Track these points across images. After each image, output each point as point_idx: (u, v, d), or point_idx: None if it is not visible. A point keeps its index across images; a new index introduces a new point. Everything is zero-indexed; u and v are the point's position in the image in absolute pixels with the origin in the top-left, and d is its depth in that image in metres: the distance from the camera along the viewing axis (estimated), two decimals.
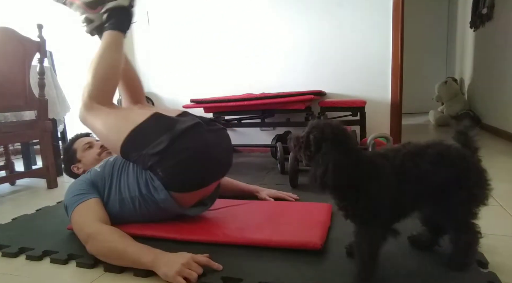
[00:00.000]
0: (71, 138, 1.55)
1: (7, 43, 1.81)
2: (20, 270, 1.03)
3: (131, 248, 0.96)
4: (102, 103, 1.23)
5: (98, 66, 1.25)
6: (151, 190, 1.13)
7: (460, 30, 4.57)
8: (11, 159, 2.25)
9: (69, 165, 1.46)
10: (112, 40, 1.30)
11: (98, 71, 1.24)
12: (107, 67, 1.26)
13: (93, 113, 1.21)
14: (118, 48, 1.30)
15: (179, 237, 1.11)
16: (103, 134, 1.21)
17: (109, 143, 1.22)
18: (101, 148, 1.45)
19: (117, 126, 1.17)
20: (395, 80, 2.51)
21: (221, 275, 0.89)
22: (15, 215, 1.51)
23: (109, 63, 1.27)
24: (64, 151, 1.53)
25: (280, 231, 1.09)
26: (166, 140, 1.07)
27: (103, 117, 1.20)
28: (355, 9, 2.53)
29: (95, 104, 1.22)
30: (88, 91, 1.23)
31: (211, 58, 2.96)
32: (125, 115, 1.21)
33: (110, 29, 1.32)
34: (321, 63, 2.68)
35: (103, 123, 1.19)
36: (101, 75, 1.24)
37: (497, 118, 2.99)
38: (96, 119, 1.21)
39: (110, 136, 1.18)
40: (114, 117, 1.20)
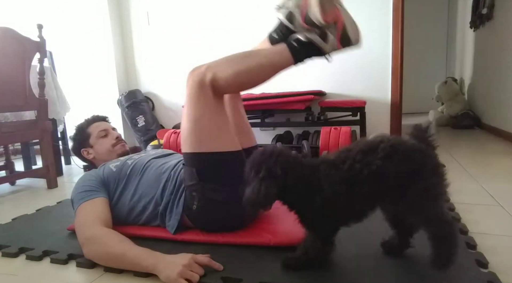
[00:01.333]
0: (87, 119, 1.46)
1: (7, 43, 1.81)
2: (20, 270, 1.02)
3: (130, 253, 0.94)
4: (216, 93, 1.07)
5: (256, 66, 1.07)
6: (167, 212, 1.13)
7: (460, 30, 4.57)
8: (11, 159, 2.25)
9: (80, 147, 1.41)
10: (282, 61, 1.07)
11: (251, 70, 1.07)
12: (258, 75, 1.08)
13: (201, 94, 1.05)
14: (277, 71, 1.09)
15: (179, 237, 1.11)
16: (190, 120, 1.06)
17: (187, 133, 1.07)
18: (117, 139, 1.41)
19: (206, 130, 1.05)
20: (395, 80, 2.51)
21: (221, 275, 0.89)
22: (15, 215, 1.51)
23: (261, 74, 1.08)
24: (77, 130, 1.44)
25: (280, 231, 1.09)
26: (225, 195, 1.04)
27: (204, 107, 1.05)
28: (355, 9, 2.52)
29: (210, 89, 1.05)
30: (217, 72, 1.05)
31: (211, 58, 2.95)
32: (219, 126, 1.07)
33: (291, 51, 1.06)
34: (321, 63, 2.67)
35: (200, 113, 1.04)
36: (248, 75, 1.07)
37: (497, 118, 2.99)
38: (199, 102, 1.05)
39: (194, 131, 1.05)
40: (210, 118, 1.05)
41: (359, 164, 0.77)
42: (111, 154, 1.38)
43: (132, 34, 3.16)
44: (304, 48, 1.05)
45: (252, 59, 1.07)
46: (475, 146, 2.58)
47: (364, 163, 0.76)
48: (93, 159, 1.41)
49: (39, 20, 2.08)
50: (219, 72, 1.05)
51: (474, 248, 0.95)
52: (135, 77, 3.23)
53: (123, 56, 3.20)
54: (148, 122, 3.01)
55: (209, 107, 1.05)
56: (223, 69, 1.06)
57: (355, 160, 0.77)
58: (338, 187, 0.77)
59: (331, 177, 0.78)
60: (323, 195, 0.78)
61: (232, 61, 1.08)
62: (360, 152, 0.78)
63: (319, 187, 0.79)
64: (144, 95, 3.14)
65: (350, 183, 0.77)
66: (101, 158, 1.39)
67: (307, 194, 0.80)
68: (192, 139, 1.05)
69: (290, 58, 1.06)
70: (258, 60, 1.07)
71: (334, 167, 0.79)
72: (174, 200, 1.13)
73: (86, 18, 3.08)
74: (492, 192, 1.47)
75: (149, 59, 3.16)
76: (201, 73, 1.06)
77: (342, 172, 0.78)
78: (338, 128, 2.09)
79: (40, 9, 3.18)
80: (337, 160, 0.80)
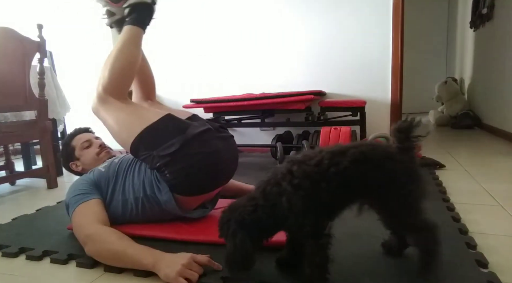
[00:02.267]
0: (70, 133, 1.51)
1: (7, 43, 1.81)
2: (20, 270, 1.02)
3: (131, 250, 0.95)
4: (116, 97, 1.21)
5: (116, 60, 1.23)
6: (155, 191, 1.13)
7: (460, 30, 4.57)
8: (11, 159, 2.25)
9: (68, 161, 1.45)
10: (131, 35, 1.29)
11: (116, 65, 1.23)
12: (125, 62, 1.25)
13: (106, 107, 1.20)
14: (137, 44, 1.30)
15: (179, 237, 1.11)
16: (114, 128, 1.19)
17: (119, 138, 1.20)
18: (100, 147, 1.44)
19: (129, 122, 1.16)
20: (395, 80, 2.51)
21: (221, 275, 0.89)
22: (15, 215, 1.51)
23: (127, 58, 1.25)
24: (63, 146, 1.50)
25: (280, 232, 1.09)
26: (177, 143, 1.08)
27: (115, 112, 1.19)
28: (355, 9, 2.53)
29: (109, 98, 1.20)
30: (103, 84, 1.21)
31: (211, 58, 2.96)
32: (138, 113, 1.20)
33: (131, 24, 1.30)
34: (321, 63, 2.68)
35: (116, 118, 1.18)
36: (118, 69, 1.23)
37: (497, 118, 2.99)
38: (108, 112, 1.20)
39: (122, 132, 1.17)
40: (127, 113, 1.19)
41: (327, 161, 0.77)
42: (98, 162, 1.39)
43: None
44: (133, 13, 1.31)
45: (113, 52, 1.25)
46: (475, 146, 2.58)
47: (332, 162, 0.77)
48: (82, 170, 1.42)
49: (39, 20, 2.08)
50: (103, 81, 1.22)
51: (474, 248, 0.95)
52: None
53: None
54: None
55: (117, 108, 1.19)
56: (104, 76, 1.22)
57: (323, 158, 0.78)
58: (298, 180, 0.77)
59: (292, 173, 0.78)
60: (286, 193, 0.77)
61: (104, 66, 1.24)
62: (330, 153, 0.79)
63: (283, 189, 0.78)
64: None
65: (315, 179, 0.76)
66: (89, 168, 1.39)
67: (278, 206, 0.78)
68: (125, 136, 1.16)
69: (134, 28, 1.29)
70: (116, 48, 1.25)
71: (297, 163, 0.79)
72: (156, 179, 1.14)
73: (86, 18, 3.08)
74: (492, 192, 1.47)
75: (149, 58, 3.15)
76: (95, 93, 1.23)
77: (308, 167, 0.78)
78: (338, 128, 2.09)
79: (40, 9, 3.18)
80: (304, 157, 0.81)
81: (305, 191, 0.76)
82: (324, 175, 0.76)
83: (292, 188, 0.77)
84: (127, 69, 1.26)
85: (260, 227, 0.80)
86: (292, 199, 0.77)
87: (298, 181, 0.77)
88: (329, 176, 0.76)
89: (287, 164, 0.82)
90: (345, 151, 0.78)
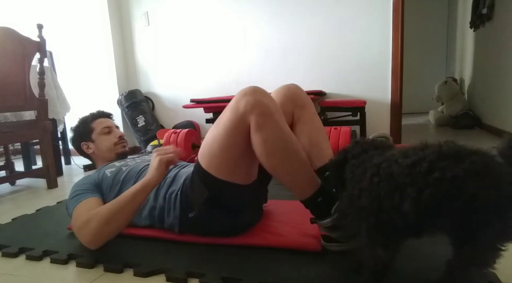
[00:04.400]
0: (92, 113, 1.44)
1: (7, 43, 1.81)
2: (20, 270, 1.02)
3: (124, 194, 1.03)
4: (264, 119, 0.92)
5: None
6: (164, 214, 1.12)
7: (460, 30, 4.57)
8: (11, 159, 2.25)
9: (80, 139, 1.38)
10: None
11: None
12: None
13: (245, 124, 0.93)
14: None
15: (179, 237, 1.11)
16: (221, 139, 0.96)
17: (210, 148, 0.99)
18: (119, 138, 1.40)
19: (231, 160, 0.98)
20: (395, 80, 2.51)
21: (221, 275, 0.89)
22: (15, 215, 1.51)
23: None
24: (80, 123, 1.42)
25: (280, 231, 1.09)
26: (225, 216, 1.05)
27: (240, 138, 0.94)
28: (355, 9, 2.53)
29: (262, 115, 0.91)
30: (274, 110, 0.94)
31: (211, 58, 2.96)
32: (245, 160, 0.99)
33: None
34: (321, 63, 2.68)
35: (234, 142, 0.95)
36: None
37: (497, 118, 2.99)
38: (240, 129, 0.93)
39: (219, 154, 0.97)
40: (240, 151, 0.96)
41: (428, 163, 0.60)
42: (111, 152, 1.38)
43: (132, 34, 3.16)
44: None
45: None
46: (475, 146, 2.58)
47: (438, 165, 0.59)
48: (91, 153, 1.38)
49: (39, 20, 2.08)
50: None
51: None
52: (135, 77, 3.23)
53: (123, 56, 3.20)
54: (148, 122, 3.00)
55: (244, 141, 0.94)
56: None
57: (424, 158, 0.61)
58: (378, 179, 0.64)
59: (378, 167, 0.65)
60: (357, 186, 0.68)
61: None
62: (438, 153, 0.61)
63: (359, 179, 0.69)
64: (144, 95, 3.14)
65: (402, 182, 0.61)
66: (100, 154, 1.38)
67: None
68: (213, 162, 0.99)
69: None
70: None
71: (388, 160, 0.66)
72: (169, 204, 1.12)
73: (86, 18, 3.08)
74: None
75: (149, 59, 3.16)
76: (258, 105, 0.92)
77: (398, 166, 0.63)
78: (338, 128, 2.09)
79: (40, 9, 3.18)
80: (398, 154, 0.67)
81: (382, 193, 0.63)
82: (417, 179, 0.60)
83: (369, 184, 0.65)
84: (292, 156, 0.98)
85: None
86: (362, 196, 0.65)
87: (378, 179, 0.64)
88: (424, 182, 0.59)
89: (380, 158, 0.68)
90: (463, 155, 0.60)
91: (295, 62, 2.73)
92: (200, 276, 0.90)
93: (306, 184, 0.95)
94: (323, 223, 0.94)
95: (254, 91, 0.94)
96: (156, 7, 3.02)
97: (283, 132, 0.92)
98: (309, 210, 0.97)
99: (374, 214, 0.66)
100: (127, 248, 1.08)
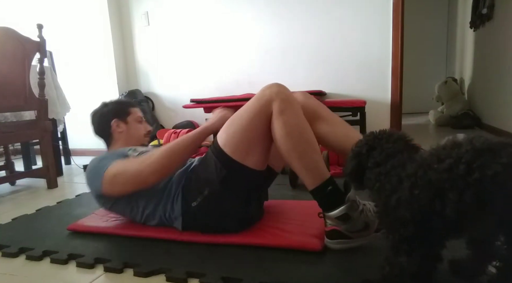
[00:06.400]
0: (134, 100, 1.43)
1: (7, 43, 1.81)
2: (20, 270, 1.02)
3: (182, 137, 1.12)
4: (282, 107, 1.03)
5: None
6: (167, 207, 1.15)
7: (460, 30, 4.57)
8: (11, 159, 2.25)
9: (114, 116, 1.34)
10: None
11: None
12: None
13: (268, 111, 1.03)
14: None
15: (179, 237, 1.11)
16: (243, 120, 1.05)
17: (231, 128, 1.07)
18: (148, 132, 1.43)
19: (247, 142, 1.05)
20: (395, 80, 2.51)
21: (221, 275, 0.89)
22: (15, 215, 1.51)
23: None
24: (117, 102, 1.44)
25: (280, 231, 1.09)
26: (232, 204, 1.09)
27: (261, 122, 1.04)
28: (355, 9, 2.53)
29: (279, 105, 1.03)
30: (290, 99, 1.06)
31: (211, 58, 2.95)
32: (261, 145, 1.07)
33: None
34: (321, 63, 2.67)
35: (253, 125, 1.04)
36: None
37: (497, 118, 2.99)
38: (262, 114, 1.04)
39: (239, 134, 1.05)
40: (258, 135, 1.05)
41: (466, 164, 0.57)
42: (137, 141, 1.39)
43: (132, 34, 3.16)
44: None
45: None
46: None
47: (476, 165, 0.56)
48: (118, 133, 1.35)
49: (39, 20, 2.08)
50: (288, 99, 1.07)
51: None
52: (135, 77, 3.23)
53: (123, 56, 3.20)
54: (148, 122, 2.99)
55: (263, 126, 1.04)
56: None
57: (460, 159, 0.58)
58: (419, 192, 0.62)
59: (416, 177, 0.64)
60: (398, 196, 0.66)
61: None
62: (472, 151, 0.59)
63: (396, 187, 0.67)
64: (144, 95, 3.14)
65: (441, 187, 0.60)
66: (127, 137, 1.36)
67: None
68: (231, 141, 1.05)
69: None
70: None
71: (422, 167, 0.64)
72: (173, 197, 1.13)
73: (86, 18, 3.08)
74: None
75: (149, 59, 3.15)
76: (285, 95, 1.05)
77: (434, 172, 0.61)
78: None
79: (40, 9, 3.18)
80: (429, 157, 0.64)
81: (422, 203, 0.62)
82: (457, 183, 0.58)
83: (410, 196, 0.64)
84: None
85: None
86: (401, 207, 0.64)
87: (418, 191, 0.63)
88: (465, 184, 0.57)
89: (413, 165, 0.66)
90: (497, 149, 0.57)
91: (295, 62, 2.73)
92: (200, 276, 0.90)
93: (317, 171, 0.99)
94: (332, 214, 0.95)
95: (278, 84, 1.09)
96: (156, 7, 3.02)
97: (301, 119, 1.04)
98: (317, 201, 0.99)
99: (414, 223, 0.65)
100: (127, 248, 1.09)
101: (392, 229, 0.70)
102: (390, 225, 0.70)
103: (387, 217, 0.70)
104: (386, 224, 0.73)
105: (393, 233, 0.69)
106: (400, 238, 0.68)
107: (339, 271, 0.88)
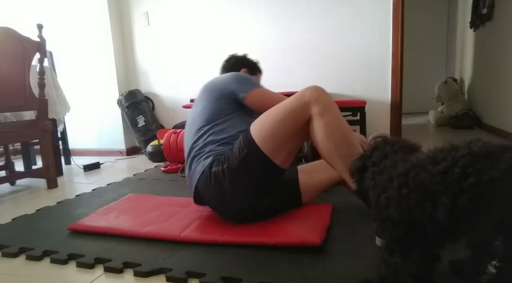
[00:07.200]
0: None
1: (7, 43, 1.81)
2: (20, 270, 1.02)
3: (351, 135, 1.09)
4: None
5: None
6: (193, 160, 1.20)
7: (460, 30, 4.57)
8: (11, 159, 2.25)
9: (246, 66, 1.62)
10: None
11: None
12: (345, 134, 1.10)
13: (306, 112, 1.09)
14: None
15: (179, 237, 1.11)
16: (278, 114, 1.11)
17: (265, 120, 1.13)
18: None
19: (277, 136, 1.10)
20: (395, 80, 2.51)
21: (221, 275, 0.89)
22: (15, 215, 1.51)
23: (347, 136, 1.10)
24: (256, 63, 1.68)
25: (280, 230, 1.09)
26: (246, 190, 1.12)
27: (295, 120, 1.09)
28: (355, 9, 2.53)
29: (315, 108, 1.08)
30: (330, 106, 1.09)
31: (211, 58, 2.95)
32: (290, 143, 1.13)
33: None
34: (321, 63, 2.68)
35: (287, 121, 1.09)
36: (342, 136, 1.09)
37: (497, 118, 2.99)
38: (297, 112, 1.09)
39: (271, 127, 1.10)
40: (291, 132, 1.11)
41: (461, 168, 0.57)
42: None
43: (132, 34, 3.16)
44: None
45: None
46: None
47: (472, 169, 0.56)
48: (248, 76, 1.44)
49: (39, 20, 2.08)
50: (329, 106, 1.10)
51: None
52: (135, 77, 3.23)
53: (123, 56, 3.20)
54: (148, 122, 3.00)
55: (297, 125, 1.10)
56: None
57: (456, 162, 0.58)
58: (408, 191, 0.62)
59: (406, 177, 0.63)
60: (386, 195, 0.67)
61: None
62: (469, 155, 0.58)
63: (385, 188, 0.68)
64: (144, 95, 3.14)
65: (434, 190, 0.59)
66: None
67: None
68: (262, 133, 1.11)
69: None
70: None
71: (415, 168, 0.64)
72: (199, 156, 1.19)
73: (86, 18, 3.08)
74: None
75: (149, 59, 3.15)
76: (319, 98, 1.09)
77: (428, 174, 0.60)
78: None
79: (40, 9, 3.18)
80: (424, 159, 0.64)
81: (412, 204, 0.62)
82: (451, 186, 0.57)
83: (398, 195, 0.63)
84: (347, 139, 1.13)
85: None
86: (391, 207, 0.64)
87: (407, 191, 0.62)
88: (459, 188, 0.56)
89: (405, 165, 0.65)
90: (495, 154, 0.57)
91: (295, 62, 2.73)
92: (200, 276, 0.90)
93: None
94: None
95: (318, 88, 1.11)
96: (156, 7, 3.02)
97: (343, 121, 1.09)
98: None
99: (404, 223, 0.65)
100: (128, 248, 1.09)
101: (384, 228, 0.70)
102: (381, 224, 0.71)
103: (379, 215, 0.71)
104: (378, 223, 0.73)
105: (384, 233, 0.70)
106: (390, 238, 0.68)
107: (339, 271, 0.88)
